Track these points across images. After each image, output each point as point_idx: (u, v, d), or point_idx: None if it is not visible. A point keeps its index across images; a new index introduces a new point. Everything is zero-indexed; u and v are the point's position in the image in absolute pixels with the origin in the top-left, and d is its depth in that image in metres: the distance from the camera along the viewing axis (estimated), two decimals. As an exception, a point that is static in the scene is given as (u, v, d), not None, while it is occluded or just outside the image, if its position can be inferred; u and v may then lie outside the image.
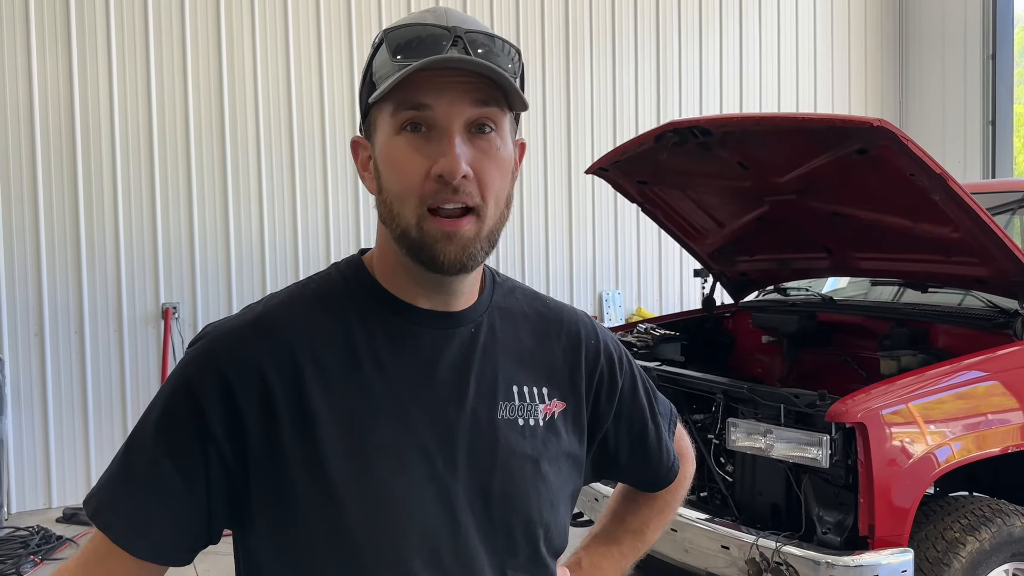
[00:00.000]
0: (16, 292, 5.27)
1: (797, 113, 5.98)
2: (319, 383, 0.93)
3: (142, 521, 0.91)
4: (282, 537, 0.93)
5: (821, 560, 2.52)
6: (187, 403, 0.92)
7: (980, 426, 2.72)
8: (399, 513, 0.91)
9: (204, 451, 0.91)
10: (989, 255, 2.97)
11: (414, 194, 0.90)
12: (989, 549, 2.68)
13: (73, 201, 5.38)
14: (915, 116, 8.39)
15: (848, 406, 2.56)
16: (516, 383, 1.03)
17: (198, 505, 0.92)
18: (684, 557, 2.91)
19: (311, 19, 5.99)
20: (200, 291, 5.70)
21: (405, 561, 0.91)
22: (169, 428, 0.92)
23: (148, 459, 0.92)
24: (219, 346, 0.94)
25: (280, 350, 0.93)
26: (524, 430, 1.01)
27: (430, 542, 0.93)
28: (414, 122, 0.91)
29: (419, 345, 0.97)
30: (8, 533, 4.83)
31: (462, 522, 0.95)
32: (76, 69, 5.35)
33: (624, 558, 1.28)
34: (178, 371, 0.95)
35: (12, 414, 5.24)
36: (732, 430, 2.81)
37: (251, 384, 0.91)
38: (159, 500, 0.91)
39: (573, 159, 6.87)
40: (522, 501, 0.99)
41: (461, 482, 0.95)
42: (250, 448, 0.91)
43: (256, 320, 0.97)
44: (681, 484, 1.32)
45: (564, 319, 1.12)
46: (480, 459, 0.97)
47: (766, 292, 4.47)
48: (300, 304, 0.99)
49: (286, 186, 5.92)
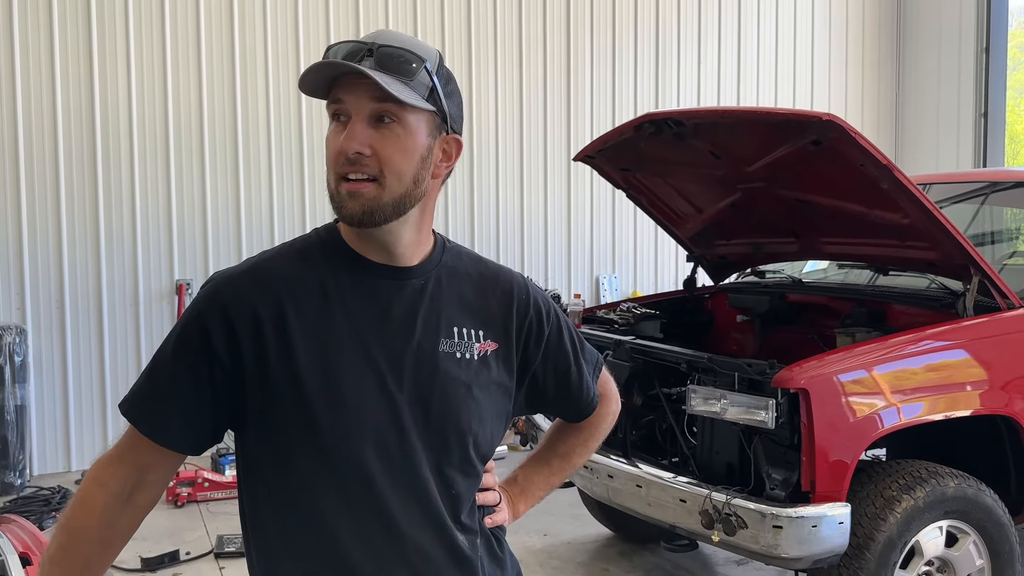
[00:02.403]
0: (39, 267, 5.59)
1: (759, 107, 6.24)
2: (298, 318, 1.21)
3: (164, 418, 1.22)
4: (266, 433, 1.22)
5: (767, 512, 2.80)
6: (197, 330, 1.21)
7: (916, 395, 2.98)
8: (355, 412, 1.20)
9: (210, 366, 1.20)
10: (936, 240, 3.22)
11: (333, 166, 1.20)
12: (923, 507, 2.94)
13: (92, 182, 5.69)
14: (911, 108, 8.57)
15: (793, 373, 2.82)
16: (456, 325, 1.30)
17: (205, 407, 1.22)
18: (647, 510, 3.19)
19: (320, 13, 6.25)
20: (212, 268, 5.99)
21: (359, 449, 1.20)
22: (183, 348, 1.22)
23: (167, 373, 1.22)
24: (223, 288, 1.23)
25: (268, 292, 1.22)
26: (460, 362, 1.29)
27: (378, 437, 1.21)
28: (336, 112, 1.21)
29: (376, 292, 1.26)
30: (32, 492, 5.17)
31: (405, 425, 1.23)
32: (96, 58, 5.64)
33: (552, 475, 1.57)
34: (191, 308, 1.24)
35: (34, 382, 5.57)
36: (692, 396, 3.08)
37: (246, 317, 1.20)
38: (176, 403, 1.21)
39: (573, 146, 7.07)
40: (455, 414, 1.26)
41: (406, 396, 1.23)
42: (245, 365, 1.20)
43: (250, 269, 1.26)
44: (603, 419, 1.60)
45: (500, 278, 1.40)
46: (422, 380, 1.25)
47: (745, 274, 4.72)
48: (286, 258, 1.28)
49: (295, 168, 6.22)
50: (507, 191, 6.95)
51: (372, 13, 6.39)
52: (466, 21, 6.67)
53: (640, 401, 3.55)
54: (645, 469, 3.24)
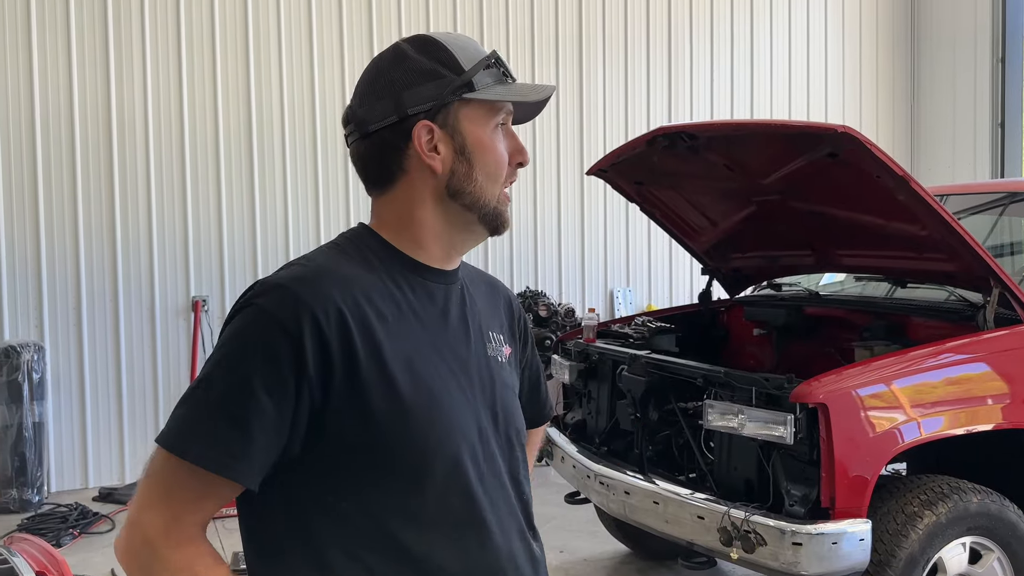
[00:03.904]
0: (56, 285, 5.64)
1: (773, 120, 6.21)
2: (380, 324, 1.12)
3: (247, 459, 1.04)
4: (345, 454, 1.09)
5: (786, 529, 2.76)
6: (284, 342, 1.05)
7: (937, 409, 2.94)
8: (449, 419, 1.15)
9: (298, 384, 1.05)
10: (954, 251, 3.19)
11: (509, 175, 1.24)
12: (945, 523, 2.89)
13: (109, 201, 5.74)
14: (926, 119, 8.53)
15: (811, 388, 2.79)
16: (490, 329, 1.32)
17: (283, 433, 1.07)
18: (665, 528, 3.16)
19: (334, 25, 6.30)
20: (228, 284, 6.03)
21: (456, 454, 1.15)
22: (265, 367, 1.05)
23: (244, 399, 1.04)
24: (303, 290, 1.09)
25: (348, 294, 1.11)
26: (501, 365, 1.30)
27: (469, 442, 1.17)
28: (502, 122, 1.23)
29: (434, 296, 1.23)
30: (49, 509, 5.18)
31: (485, 428, 1.21)
32: (113, 74, 5.71)
33: None
34: (259, 319, 1.07)
35: (52, 399, 5.60)
36: (709, 411, 3.05)
37: (335, 321, 1.08)
38: (260, 436, 1.04)
39: (586, 160, 7.07)
40: (515, 419, 1.29)
41: (479, 400, 1.22)
42: (335, 376, 1.07)
43: (320, 271, 1.13)
44: (543, 431, 1.66)
45: (499, 286, 1.44)
46: (485, 384, 1.24)
47: (761, 287, 4.69)
48: (347, 259, 1.18)
49: (309, 184, 6.25)
50: (520, 204, 6.95)
51: (385, 30, 6.42)
52: (479, 36, 6.70)
53: (656, 416, 3.52)
54: (662, 485, 3.21)
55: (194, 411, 1.07)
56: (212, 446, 1.04)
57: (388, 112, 1.18)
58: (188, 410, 1.07)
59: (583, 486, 3.72)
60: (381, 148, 1.20)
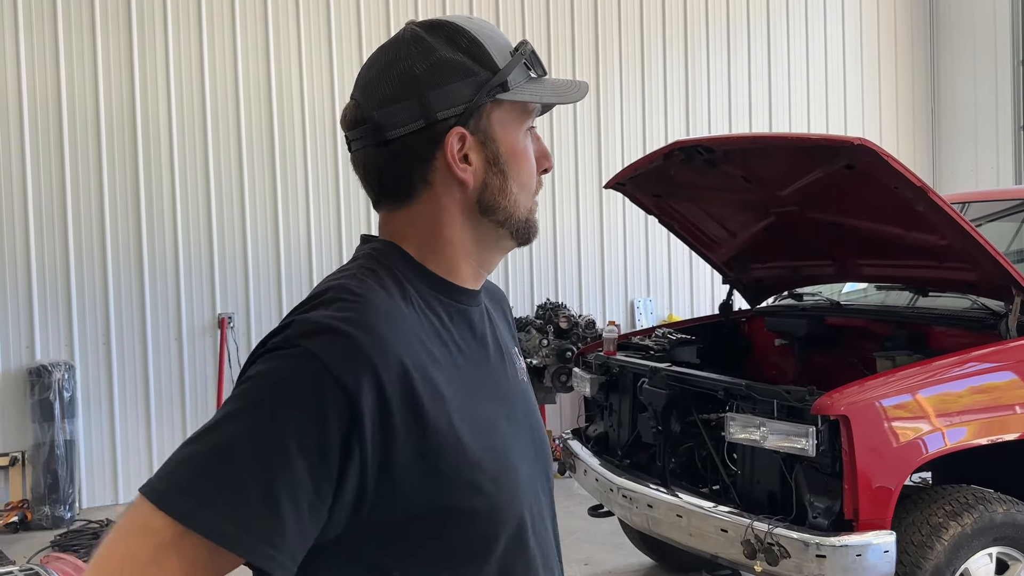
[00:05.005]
0: (86, 305, 5.75)
1: (789, 133, 6.21)
2: (437, 372, 0.94)
3: (281, 542, 0.82)
4: (404, 526, 0.92)
5: (810, 541, 2.76)
6: (340, 401, 0.85)
7: (961, 419, 2.93)
8: (516, 479, 1.00)
9: (345, 455, 0.85)
10: (975, 260, 3.18)
11: (539, 185, 1.09)
12: (971, 533, 2.88)
13: (136, 222, 5.85)
14: (947, 123, 8.47)
15: (833, 400, 2.79)
16: (511, 346, 1.17)
17: (320, 516, 0.86)
18: (688, 540, 3.17)
19: (353, 43, 6.39)
20: (253, 302, 6.12)
21: (521, 515, 1.01)
22: (308, 429, 0.84)
23: (278, 472, 0.82)
24: (362, 337, 0.88)
25: (405, 341, 0.92)
26: (527, 385, 1.17)
27: (529, 498, 1.03)
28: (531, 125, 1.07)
29: (472, 324, 1.06)
30: (81, 525, 5.28)
31: (533, 471, 1.06)
32: (138, 95, 5.83)
33: None
34: (309, 367, 0.85)
35: (83, 417, 5.71)
36: (730, 423, 3.07)
37: (396, 376, 0.88)
38: (298, 519, 0.84)
39: (604, 172, 7.09)
40: (546, 443, 1.14)
41: (523, 433, 1.07)
42: (396, 443, 0.88)
43: (374, 309, 0.93)
44: None
45: (497, 291, 1.24)
46: (525, 412, 1.11)
47: (782, 298, 4.69)
48: (389, 294, 0.97)
49: (331, 203, 6.34)
50: (540, 216, 6.94)
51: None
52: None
53: (678, 429, 3.53)
54: (685, 498, 3.22)
55: (208, 468, 0.83)
56: (240, 524, 0.81)
57: (413, 116, 0.98)
58: (200, 465, 0.83)
59: (606, 499, 3.73)
60: (404, 158, 1.00)
